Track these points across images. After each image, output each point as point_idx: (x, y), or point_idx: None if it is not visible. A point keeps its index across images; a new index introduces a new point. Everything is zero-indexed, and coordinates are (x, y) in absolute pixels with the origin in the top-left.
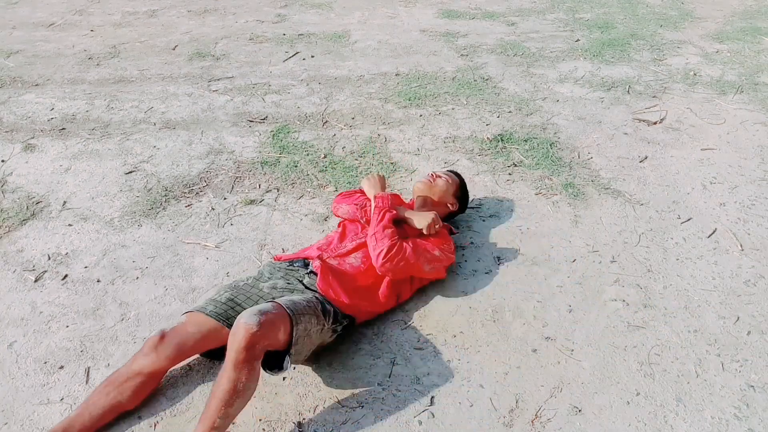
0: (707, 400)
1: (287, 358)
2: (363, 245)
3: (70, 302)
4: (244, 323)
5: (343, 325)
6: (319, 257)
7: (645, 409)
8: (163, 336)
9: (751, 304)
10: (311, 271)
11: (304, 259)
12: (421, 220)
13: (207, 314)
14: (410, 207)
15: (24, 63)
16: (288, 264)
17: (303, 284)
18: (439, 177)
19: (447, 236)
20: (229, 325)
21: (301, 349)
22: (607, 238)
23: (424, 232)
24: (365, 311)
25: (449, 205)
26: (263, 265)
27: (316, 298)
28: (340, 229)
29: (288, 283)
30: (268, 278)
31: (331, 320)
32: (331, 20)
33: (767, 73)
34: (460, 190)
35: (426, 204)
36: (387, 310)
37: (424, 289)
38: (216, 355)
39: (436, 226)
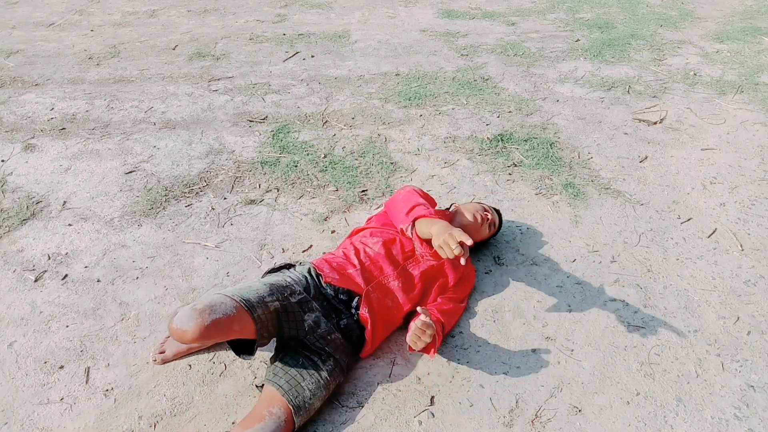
0: (707, 400)
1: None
2: (406, 273)
3: (70, 302)
4: None
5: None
6: (368, 294)
7: (645, 409)
8: (204, 314)
9: (751, 304)
10: (353, 314)
11: (350, 290)
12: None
13: (254, 319)
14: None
15: (24, 63)
16: (332, 293)
17: (340, 330)
18: (486, 220)
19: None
20: (260, 336)
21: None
22: (607, 238)
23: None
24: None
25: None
26: (309, 272)
27: (342, 367)
28: (382, 251)
29: (327, 324)
30: (311, 308)
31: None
32: (331, 20)
33: (767, 73)
34: (490, 237)
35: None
36: None
37: None
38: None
39: (462, 260)
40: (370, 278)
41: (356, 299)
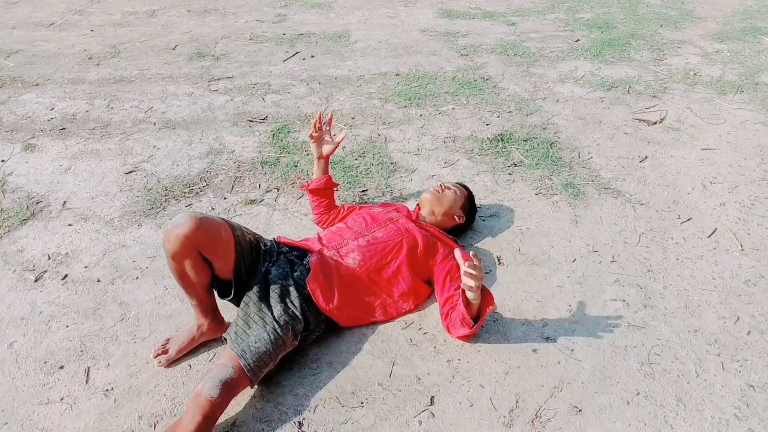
0: (707, 400)
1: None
2: (363, 246)
3: (70, 302)
4: (207, 395)
5: (316, 334)
6: (320, 251)
7: (645, 409)
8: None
9: (751, 304)
10: (306, 264)
11: (304, 249)
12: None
13: (234, 238)
14: (414, 215)
15: (24, 63)
16: (288, 249)
17: (293, 278)
18: (448, 188)
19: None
20: (238, 262)
21: (261, 372)
22: (607, 238)
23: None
24: (351, 318)
25: (456, 217)
26: (272, 241)
27: (293, 313)
28: (342, 224)
29: (280, 272)
30: (271, 260)
31: (300, 335)
32: (331, 20)
33: (767, 73)
34: (468, 202)
35: (433, 215)
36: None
37: None
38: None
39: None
40: (327, 244)
41: (309, 255)
